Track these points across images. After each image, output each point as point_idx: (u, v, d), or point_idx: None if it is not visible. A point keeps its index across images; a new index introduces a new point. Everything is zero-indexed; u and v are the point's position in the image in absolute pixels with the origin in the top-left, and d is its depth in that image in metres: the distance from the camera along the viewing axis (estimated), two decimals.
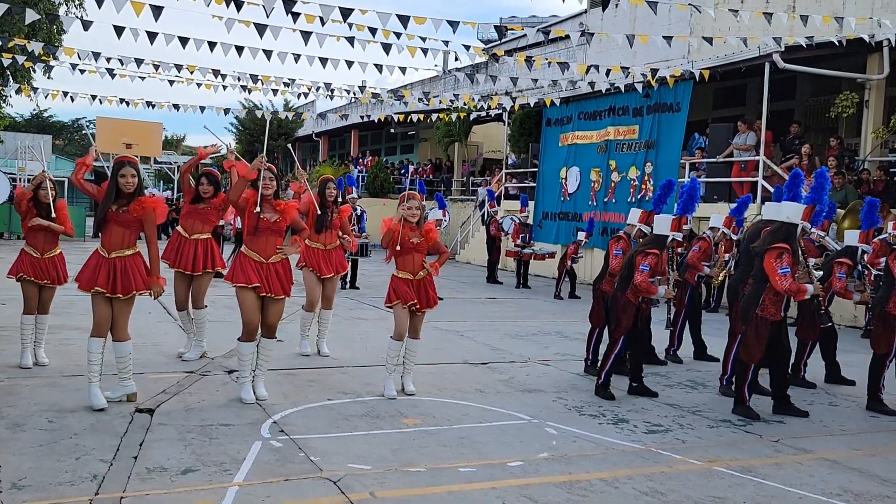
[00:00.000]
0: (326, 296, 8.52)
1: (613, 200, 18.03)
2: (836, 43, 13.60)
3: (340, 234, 8.53)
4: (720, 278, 9.64)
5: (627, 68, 15.42)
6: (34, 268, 7.19)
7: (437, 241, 7.06)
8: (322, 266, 8.31)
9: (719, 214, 9.91)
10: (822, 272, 8.12)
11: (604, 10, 19.39)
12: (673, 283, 7.43)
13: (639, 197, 16.98)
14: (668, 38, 13.26)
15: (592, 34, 14.37)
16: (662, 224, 7.34)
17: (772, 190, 12.00)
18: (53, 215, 7.16)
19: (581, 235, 15.47)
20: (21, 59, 16.53)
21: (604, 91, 17.35)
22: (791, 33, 14.97)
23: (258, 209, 6.30)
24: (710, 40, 13.25)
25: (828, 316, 7.90)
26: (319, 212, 7.85)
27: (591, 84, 16.78)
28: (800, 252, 6.87)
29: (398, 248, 6.79)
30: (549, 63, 16.43)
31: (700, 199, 13.16)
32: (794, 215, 6.72)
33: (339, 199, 8.69)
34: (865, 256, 8.27)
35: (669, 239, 7.32)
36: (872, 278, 8.59)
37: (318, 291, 8.39)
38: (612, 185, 18.19)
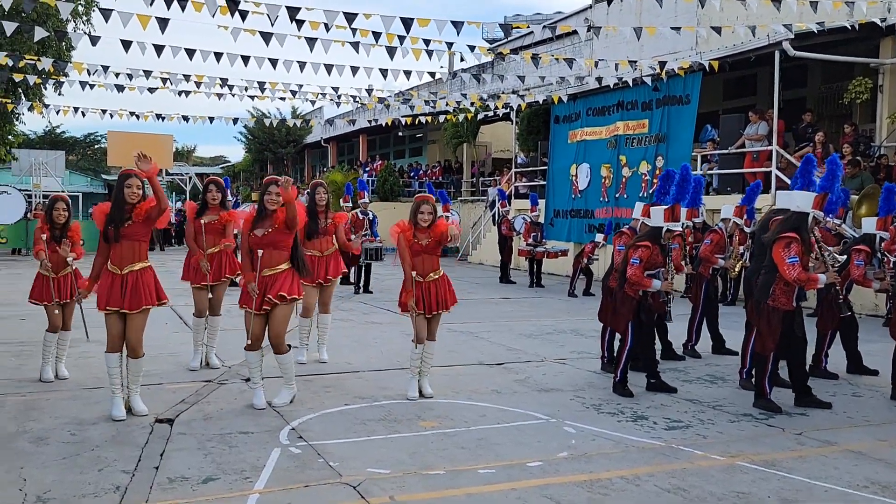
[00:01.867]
0: (323, 301, 8.43)
1: (625, 196, 17.95)
2: (848, 28, 13.47)
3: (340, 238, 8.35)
4: (737, 270, 9.54)
5: (635, 62, 15.35)
6: (51, 289, 7.26)
7: (443, 232, 6.86)
8: (318, 272, 8.10)
9: (731, 206, 9.83)
10: (841, 260, 8.02)
11: (609, 4, 19.33)
12: (686, 276, 7.36)
13: (650, 192, 16.88)
14: (676, 29, 13.20)
15: (599, 28, 14.29)
16: (656, 216, 7.32)
17: (787, 180, 11.90)
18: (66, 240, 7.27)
19: (599, 237, 15.42)
20: (32, 78, 16.66)
21: (612, 86, 17.27)
22: (801, 19, 14.85)
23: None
24: (718, 30, 13.17)
25: (846, 305, 7.81)
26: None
27: (599, 79, 16.71)
28: (814, 241, 6.79)
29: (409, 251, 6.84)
30: (557, 60, 16.38)
31: (713, 190, 13.01)
32: (804, 204, 6.67)
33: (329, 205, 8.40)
34: (884, 244, 8.19)
35: (663, 230, 7.26)
36: (891, 265, 8.49)
37: (314, 297, 8.28)
38: (623, 180, 18.11)
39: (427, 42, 12.30)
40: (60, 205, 7.30)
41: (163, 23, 10.69)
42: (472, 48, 13.48)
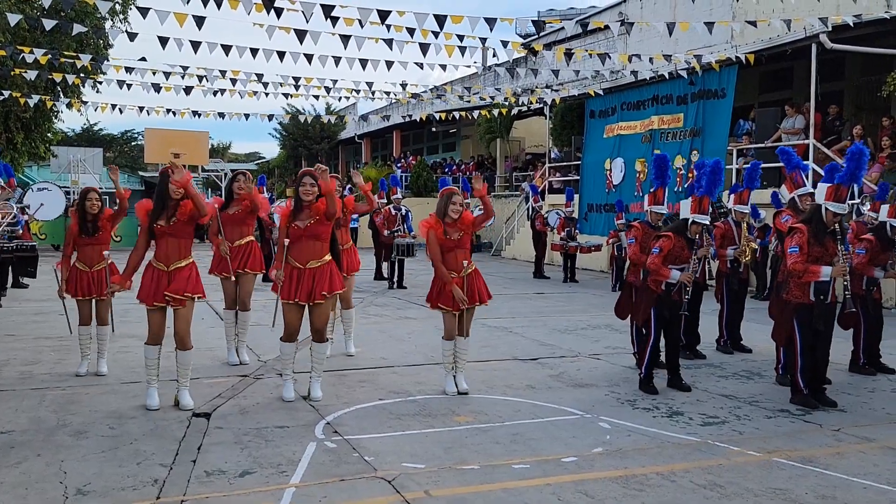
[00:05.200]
0: (345, 296, 8.33)
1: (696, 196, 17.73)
2: (886, 19, 13.23)
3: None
4: (748, 257, 9.24)
5: (670, 56, 15.21)
6: (85, 283, 7.37)
7: (473, 221, 6.87)
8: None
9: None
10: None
11: None
12: (695, 270, 7.23)
13: (686, 186, 16.73)
14: (710, 24, 13.05)
15: (632, 23, 14.18)
16: (683, 208, 7.30)
17: (824, 173, 11.66)
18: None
19: (618, 223, 15.51)
20: (71, 77, 16.92)
21: (648, 79, 17.12)
22: (838, 12, 14.62)
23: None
24: (753, 23, 13.00)
25: (850, 302, 7.50)
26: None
27: (635, 73, 16.57)
28: (833, 233, 6.61)
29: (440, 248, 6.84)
30: (590, 55, 16.28)
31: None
32: (818, 196, 6.65)
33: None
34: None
35: (689, 222, 7.18)
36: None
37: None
38: None
39: (461, 38, 12.29)
40: (93, 194, 7.37)
41: (199, 20, 10.80)
42: (504, 44, 13.40)
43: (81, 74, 18.09)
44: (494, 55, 15.31)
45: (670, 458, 5.33)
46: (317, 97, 18.31)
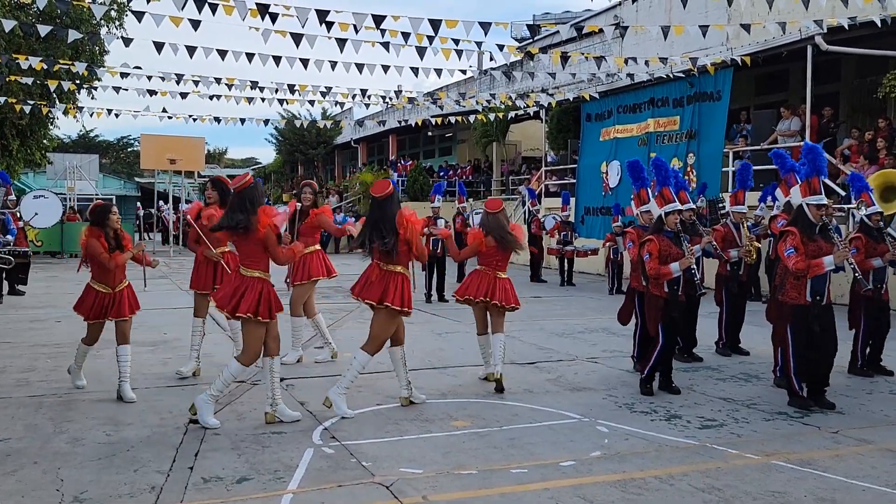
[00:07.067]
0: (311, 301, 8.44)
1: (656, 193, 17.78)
2: (880, 22, 13.26)
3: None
4: (753, 256, 9.22)
5: (665, 59, 15.22)
6: (103, 306, 6.82)
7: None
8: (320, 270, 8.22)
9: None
10: None
11: (633, 1, 19.24)
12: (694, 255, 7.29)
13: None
14: (705, 28, 13.06)
15: (626, 27, 14.20)
16: (652, 208, 7.48)
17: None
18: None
19: (615, 226, 15.55)
20: (66, 84, 16.90)
21: (644, 82, 17.12)
22: (833, 14, 14.64)
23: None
24: (747, 27, 13.01)
25: (863, 281, 7.57)
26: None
27: (631, 76, 16.57)
28: (825, 228, 6.64)
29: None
30: (586, 58, 16.29)
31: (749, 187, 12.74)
32: (795, 197, 6.71)
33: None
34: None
35: (662, 216, 7.23)
36: None
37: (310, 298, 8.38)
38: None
39: (456, 42, 12.28)
40: (115, 208, 6.97)
41: (195, 24, 10.78)
42: (500, 47, 13.40)
43: (77, 81, 18.08)
44: (491, 59, 15.32)
45: (668, 461, 5.32)
46: (312, 102, 18.30)
